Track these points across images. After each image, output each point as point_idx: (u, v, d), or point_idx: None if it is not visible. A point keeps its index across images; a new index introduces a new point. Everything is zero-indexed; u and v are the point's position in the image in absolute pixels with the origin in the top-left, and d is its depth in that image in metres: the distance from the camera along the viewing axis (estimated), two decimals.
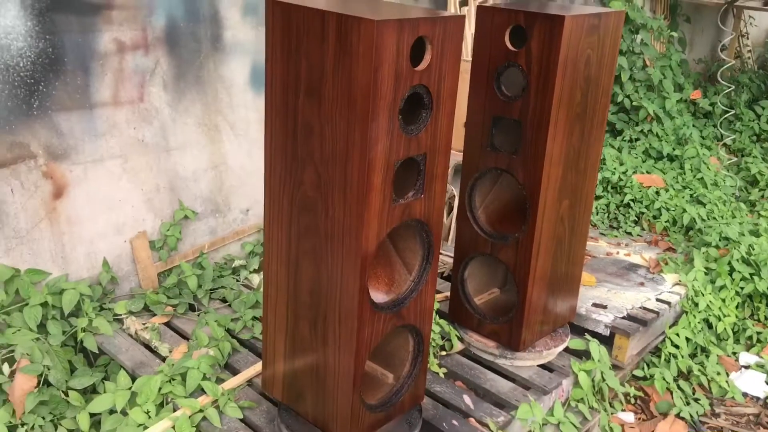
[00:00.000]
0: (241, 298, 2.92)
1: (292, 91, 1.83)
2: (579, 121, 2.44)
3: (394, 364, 2.22)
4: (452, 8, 3.87)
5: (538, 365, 2.72)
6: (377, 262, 2.07)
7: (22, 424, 2.38)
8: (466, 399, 2.49)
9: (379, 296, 2.02)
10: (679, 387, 3.08)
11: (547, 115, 2.30)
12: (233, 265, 3.18)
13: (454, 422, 2.36)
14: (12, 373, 2.42)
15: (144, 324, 2.74)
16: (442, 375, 2.63)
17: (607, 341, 3.00)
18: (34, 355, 2.44)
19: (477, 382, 2.60)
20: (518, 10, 2.31)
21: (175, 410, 2.31)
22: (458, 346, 2.76)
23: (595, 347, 2.76)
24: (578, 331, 3.03)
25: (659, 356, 3.22)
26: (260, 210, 3.31)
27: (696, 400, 3.06)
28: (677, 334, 3.23)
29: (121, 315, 2.78)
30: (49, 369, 2.44)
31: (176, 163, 2.94)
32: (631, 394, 3.03)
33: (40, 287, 2.64)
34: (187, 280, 2.93)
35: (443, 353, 2.72)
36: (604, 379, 2.78)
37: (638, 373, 3.14)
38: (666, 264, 3.58)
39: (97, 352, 2.65)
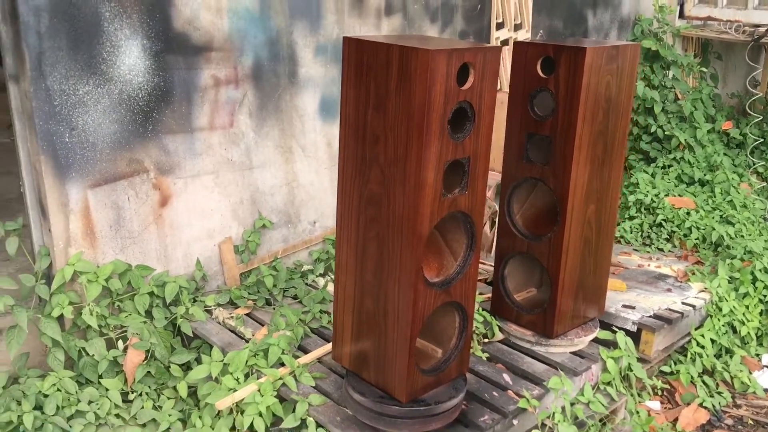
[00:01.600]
0: (309, 296, 3.38)
1: (363, 106, 2.31)
2: (601, 136, 2.86)
3: (443, 341, 2.64)
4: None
5: (570, 352, 3.10)
6: (428, 251, 2.51)
7: (132, 391, 2.87)
8: (505, 377, 2.88)
9: (430, 279, 2.46)
10: (703, 382, 3.40)
11: (573, 131, 2.74)
12: (302, 270, 3.66)
13: (495, 393, 2.75)
14: (125, 349, 2.92)
15: (230, 314, 3.22)
16: (484, 358, 3.02)
17: (634, 337, 3.35)
18: (143, 334, 2.93)
19: (515, 364, 2.99)
20: (547, 44, 2.77)
21: (258, 378, 2.76)
22: (498, 335, 3.16)
23: (622, 337, 3.12)
24: (607, 327, 3.39)
25: (685, 355, 3.55)
26: (326, 222, 3.80)
27: (719, 393, 3.37)
28: (702, 336, 3.55)
29: (210, 306, 3.27)
30: (155, 346, 2.93)
31: (257, 180, 3.45)
32: (658, 386, 3.36)
33: (147, 280, 3.15)
34: (265, 279, 3.42)
35: (486, 341, 3.12)
36: (631, 369, 3.12)
37: (665, 369, 3.46)
38: (693, 274, 3.91)
39: (192, 336, 3.13)
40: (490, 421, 2.61)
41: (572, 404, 2.84)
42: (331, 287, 3.63)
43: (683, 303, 3.60)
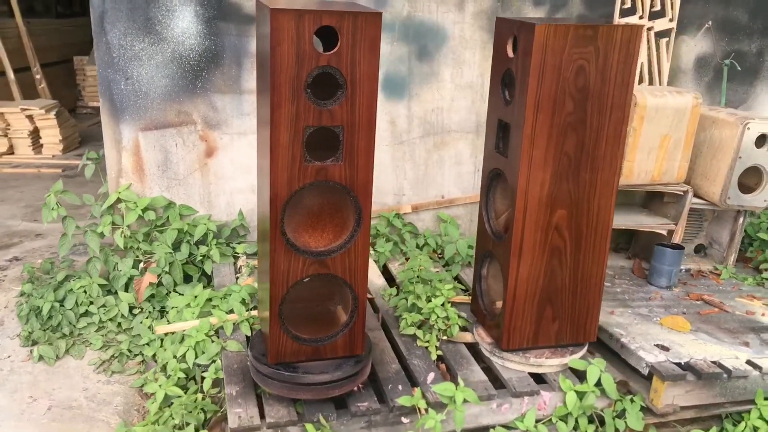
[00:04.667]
0: None
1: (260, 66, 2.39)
2: (573, 130, 2.46)
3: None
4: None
5: (529, 372, 2.72)
6: (331, 220, 2.48)
7: (139, 308, 3.33)
8: (431, 376, 2.67)
9: (314, 244, 2.43)
10: None
11: (522, 119, 2.41)
12: None
13: (400, 387, 2.59)
14: (143, 271, 3.39)
15: (247, 263, 3.50)
16: (435, 355, 2.83)
17: (647, 381, 2.79)
18: (160, 262, 3.37)
19: (457, 368, 2.74)
20: (515, 20, 2.47)
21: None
22: (466, 336, 2.91)
23: (594, 370, 2.64)
24: (619, 362, 2.88)
25: (735, 424, 2.82)
26: (383, 199, 3.82)
27: None
28: None
29: (239, 254, 3.59)
30: (164, 273, 3.35)
31: None
32: None
33: (190, 219, 3.58)
34: None
35: (444, 338, 2.90)
36: (601, 410, 2.63)
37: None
38: None
39: (210, 274, 3.49)
40: (365, 409, 2.48)
41: (500, 426, 2.53)
42: None
43: (749, 362, 2.85)
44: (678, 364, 2.79)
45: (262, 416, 2.45)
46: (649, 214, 3.89)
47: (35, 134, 6.56)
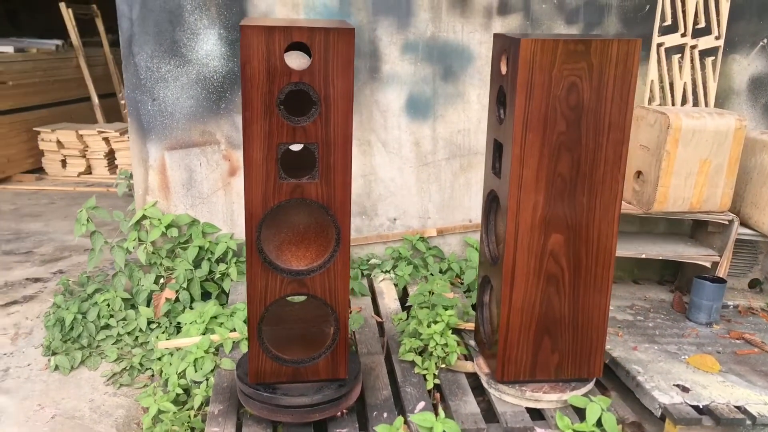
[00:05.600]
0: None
1: None
2: (567, 151, 2.32)
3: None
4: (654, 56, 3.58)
5: (526, 407, 2.56)
6: (316, 240, 2.44)
7: (156, 322, 3.40)
8: (420, 405, 2.56)
9: (297, 263, 2.39)
10: None
11: (511, 138, 2.30)
12: (369, 262, 3.70)
13: (385, 414, 2.50)
14: (162, 287, 3.46)
15: None
16: (430, 385, 2.71)
17: (660, 424, 2.57)
18: (179, 278, 3.43)
19: (450, 398, 2.62)
20: (509, 36, 2.37)
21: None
22: (460, 364, 2.78)
23: (595, 408, 2.44)
24: (636, 403, 2.68)
25: None
26: (408, 221, 3.75)
27: None
28: None
29: None
30: (182, 290, 3.40)
31: None
32: None
33: (213, 237, 3.63)
34: None
35: (443, 365, 2.78)
36: None
37: None
38: None
39: (227, 292, 3.52)
40: None
41: None
42: (381, 284, 3.61)
43: None
44: (695, 407, 2.55)
45: None
46: (695, 245, 3.62)
47: (110, 155, 6.90)
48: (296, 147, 2.31)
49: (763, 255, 3.71)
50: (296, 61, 2.18)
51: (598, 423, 2.45)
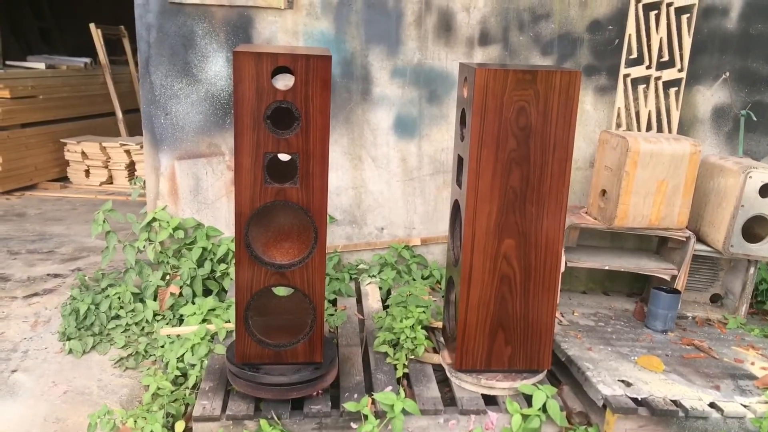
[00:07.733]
0: (332, 283, 3.78)
1: None
2: (518, 166, 2.65)
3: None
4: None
5: (482, 394, 2.87)
6: (298, 239, 2.78)
7: (161, 315, 3.75)
8: (388, 389, 2.88)
9: (280, 258, 2.74)
10: None
11: (468, 154, 2.64)
12: (358, 267, 4.04)
13: (356, 395, 2.82)
14: (168, 283, 3.82)
15: None
16: (400, 373, 3.03)
17: (602, 414, 2.86)
18: (183, 276, 3.79)
19: (415, 385, 2.94)
20: (469, 65, 2.72)
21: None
22: (427, 356, 3.10)
23: (540, 396, 2.75)
24: (583, 395, 2.98)
25: None
26: (394, 231, 4.09)
27: None
28: None
29: None
30: (185, 286, 3.76)
31: None
32: None
33: (216, 240, 4.00)
34: None
35: (413, 357, 3.10)
36: None
37: None
38: None
39: (227, 289, 3.87)
40: (316, 411, 2.73)
41: None
42: (367, 287, 3.94)
43: (712, 404, 2.85)
44: (634, 399, 2.84)
45: (224, 409, 2.75)
46: (657, 259, 3.92)
47: (131, 167, 7.33)
48: (285, 157, 2.67)
49: (724, 272, 3.99)
50: (283, 81, 2.54)
51: (544, 409, 2.76)
